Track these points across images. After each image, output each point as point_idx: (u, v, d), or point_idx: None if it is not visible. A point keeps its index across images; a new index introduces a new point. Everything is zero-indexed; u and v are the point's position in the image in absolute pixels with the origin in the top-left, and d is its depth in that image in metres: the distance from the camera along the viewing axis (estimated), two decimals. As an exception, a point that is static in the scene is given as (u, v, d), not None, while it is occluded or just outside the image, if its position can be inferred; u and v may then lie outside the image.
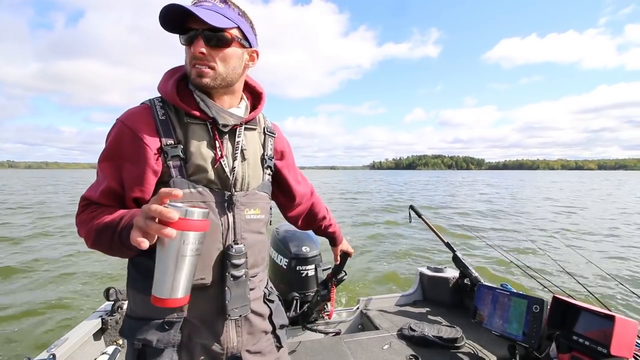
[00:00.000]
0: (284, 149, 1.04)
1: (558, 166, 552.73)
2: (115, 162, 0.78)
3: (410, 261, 6.47)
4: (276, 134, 1.01)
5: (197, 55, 0.76)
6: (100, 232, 0.72)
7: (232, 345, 0.87)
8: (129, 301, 0.88)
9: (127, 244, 0.63)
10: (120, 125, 0.79)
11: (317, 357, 1.62)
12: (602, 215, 12.44)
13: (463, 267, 2.07)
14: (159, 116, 0.80)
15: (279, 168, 1.02)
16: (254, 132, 0.93)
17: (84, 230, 0.77)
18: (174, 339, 0.81)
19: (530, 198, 20.22)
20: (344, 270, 1.62)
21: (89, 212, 0.77)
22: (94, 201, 0.78)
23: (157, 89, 0.84)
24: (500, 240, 7.97)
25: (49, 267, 5.73)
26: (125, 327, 0.85)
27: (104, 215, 0.73)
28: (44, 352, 1.40)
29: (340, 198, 19.89)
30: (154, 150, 0.76)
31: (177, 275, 0.58)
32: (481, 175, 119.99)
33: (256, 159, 0.93)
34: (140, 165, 0.76)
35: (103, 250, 0.75)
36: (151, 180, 0.77)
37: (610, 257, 6.62)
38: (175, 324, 0.81)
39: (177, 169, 0.78)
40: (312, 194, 1.21)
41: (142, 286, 0.80)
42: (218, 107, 0.83)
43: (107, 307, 1.86)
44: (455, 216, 12.17)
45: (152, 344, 0.79)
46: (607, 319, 1.20)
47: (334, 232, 1.32)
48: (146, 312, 0.81)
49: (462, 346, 1.64)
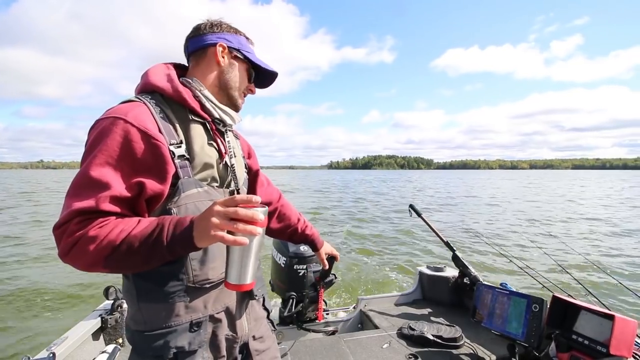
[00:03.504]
0: (250, 149, 1.12)
1: (496, 166, 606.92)
2: (123, 165, 0.69)
3: (409, 261, 6.47)
4: (239, 135, 1.09)
5: (252, 93, 0.98)
6: (133, 245, 0.64)
7: (244, 332, 0.91)
8: (140, 316, 0.78)
9: (180, 250, 0.66)
10: (125, 124, 0.70)
11: (317, 356, 1.62)
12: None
13: (462, 266, 2.07)
14: (156, 114, 0.77)
15: (250, 165, 1.09)
16: (231, 133, 0.98)
17: (90, 248, 0.63)
18: (205, 337, 0.80)
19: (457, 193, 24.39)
20: (333, 274, 1.61)
21: (97, 227, 0.65)
22: (98, 211, 0.65)
23: (150, 86, 0.81)
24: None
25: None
26: (143, 343, 0.77)
27: (125, 226, 0.66)
28: (44, 351, 1.40)
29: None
30: (167, 147, 0.74)
31: (248, 264, 0.67)
32: (427, 174, 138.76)
33: (240, 156, 0.99)
34: (160, 165, 0.73)
35: (130, 265, 0.68)
36: (170, 180, 0.74)
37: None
38: (203, 323, 0.80)
39: (184, 169, 0.77)
40: (280, 197, 1.24)
41: (161, 295, 0.76)
42: (223, 109, 0.89)
43: (106, 306, 1.86)
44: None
45: (184, 348, 0.77)
46: (607, 318, 1.20)
47: (312, 234, 1.29)
48: (169, 319, 0.76)
49: (461, 345, 1.64)
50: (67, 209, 0.66)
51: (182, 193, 0.76)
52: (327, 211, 14.04)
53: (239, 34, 0.93)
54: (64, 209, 0.66)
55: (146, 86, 0.82)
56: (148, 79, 0.82)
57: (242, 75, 0.92)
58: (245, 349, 0.93)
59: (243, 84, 0.93)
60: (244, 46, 0.92)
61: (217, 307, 0.83)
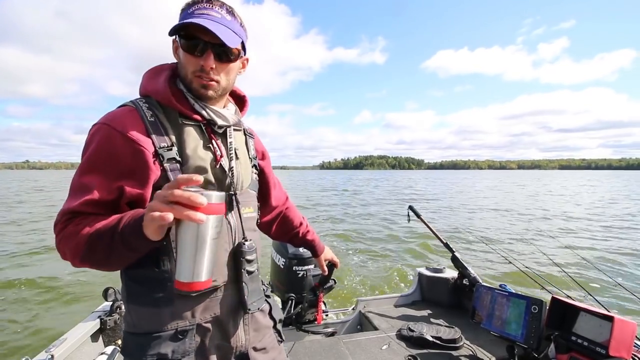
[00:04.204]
0: (264, 150, 1.09)
1: (485, 166, 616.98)
2: (105, 171, 0.71)
3: (408, 261, 6.47)
4: (254, 135, 1.05)
5: (206, 69, 0.77)
6: (96, 238, 0.65)
7: (240, 343, 0.88)
8: (129, 318, 0.80)
9: (133, 242, 0.62)
10: (107, 129, 0.72)
11: (316, 358, 1.61)
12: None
13: (462, 267, 2.07)
14: (147, 118, 0.76)
15: (262, 167, 1.06)
16: (239, 133, 0.95)
17: (70, 244, 0.68)
18: (189, 347, 0.78)
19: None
20: (333, 279, 1.61)
21: (74, 224, 0.69)
22: (79, 212, 0.70)
23: (143, 89, 0.82)
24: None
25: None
26: (130, 345, 0.79)
27: (96, 223, 0.67)
28: (43, 353, 1.39)
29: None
30: (150, 153, 0.73)
31: (201, 258, 0.59)
32: (417, 174, 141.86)
33: (245, 158, 0.95)
34: (140, 170, 0.72)
35: (97, 260, 0.68)
36: (151, 184, 0.74)
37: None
38: (189, 332, 0.78)
39: (174, 172, 0.76)
40: (286, 199, 1.23)
41: (147, 299, 0.76)
42: (213, 108, 0.84)
43: (105, 308, 1.86)
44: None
45: (167, 356, 0.75)
46: (606, 320, 1.20)
47: (313, 240, 1.26)
48: (155, 325, 0.76)
49: (460, 347, 1.64)
50: (60, 210, 0.72)
51: None
52: (328, 212, 14.07)
53: (182, 10, 0.78)
54: (59, 212, 0.73)
55: (141, 90, 0.83)
56: (142, 83, 0.83)
57: (184, 55, 0.78)
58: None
59: (189, 64, 0.78)
60: (180, 20, 0.77)
61: (205, 316, 0.80)
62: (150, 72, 0.84)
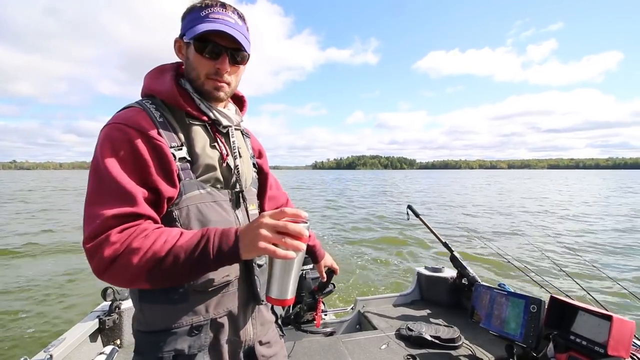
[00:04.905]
0: (260, 148, 1.11)
1: (476, 166, 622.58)
2: (137, 169, 0.69)
3: (408, 261, 6.47)
4: (250, 134, 1.08)
5: (222, 72, 0.80)
6: (177, 254, 0.63)
7: (249, 337, 0.89)
8: (142, 317, 0.79)
9: (226, 263, 0.66)
10: (124, 128, 0.71)
11: (315, 357, 1.61)
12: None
13: (461, 267, 2.07)
14: (156, 118, 0.76)
15: (260, 165, 1.08)
16: (239, 133, 0.98)
17: (140, 259, 0.62)
18: (205, 341, 0.79)
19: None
20: (332, 283, 1.61)
21: (142, 236, 0.63)
22: (138, 214, 0.66)
23: (147, 90, 0.83)
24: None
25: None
26: (144, 344, 0.78)
27: (170, 237, 0.65)
28: (41, 352, 1.39)
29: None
30: (168, 150, 0.74)
31: (292, 279, 0.68)
32: (411, 174, 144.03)
33: (247, 157, 0.97)
34: (166, 165, 0.73)
35: (173, 276, 0.65)
36: (177, 179, 0.74)
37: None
38: (204, 327, 0.79)
39: (185, 171, 0.77)
40: (287, 202, 1.23)
41: (162, 297, 0.76)
42: (218, 109, 0.86)
43: (104, 307, 1.86)
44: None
45: (184, 352, 0.76)
46: (605, 319, 1.20)
47: (314, 245, 1.25)
48: (170, 322, 0.76)
49: (459, 346, 1.64)
50: (97, 218, 0.62)
51: (184, 195, 0.76)
52: (323, 212, 14.08)
53: (192, 12, 0.79)
54: (92, 220, 0.63)
55: (145, 90, 0.83)
56: (145, 83, 0.84)
57: (197, 58, 0.79)
58: (251, 354, 0.90)
59: (203, 67, 0.79)
60: (190, 24, 0.78)
61: (219, 311, 0.81)
62: (153, 73, 0.84)
